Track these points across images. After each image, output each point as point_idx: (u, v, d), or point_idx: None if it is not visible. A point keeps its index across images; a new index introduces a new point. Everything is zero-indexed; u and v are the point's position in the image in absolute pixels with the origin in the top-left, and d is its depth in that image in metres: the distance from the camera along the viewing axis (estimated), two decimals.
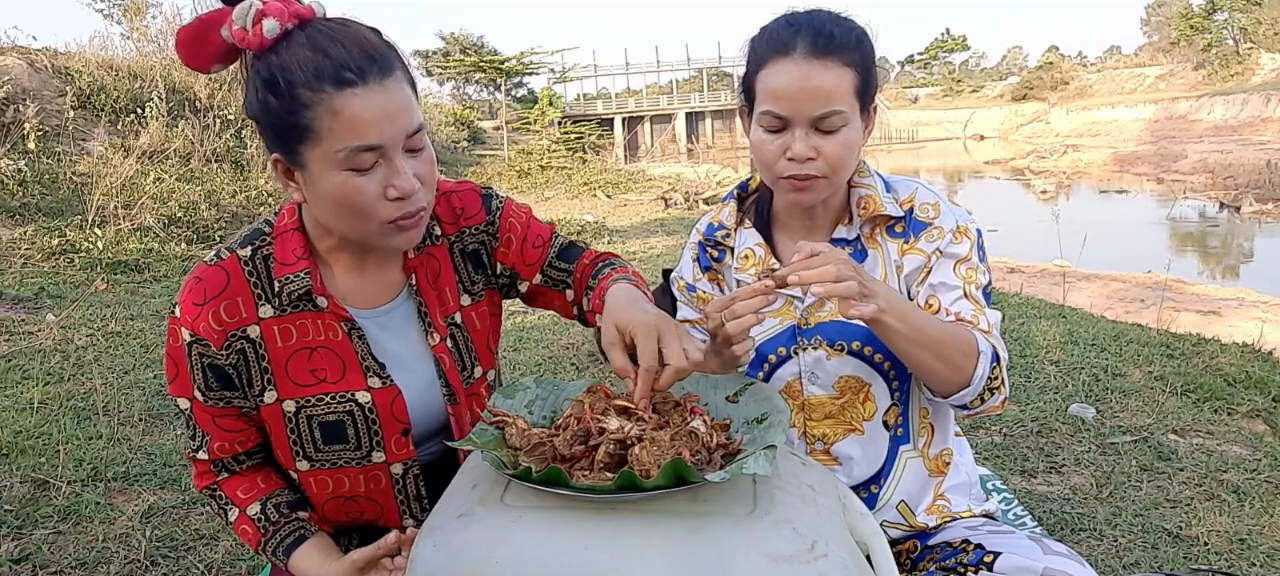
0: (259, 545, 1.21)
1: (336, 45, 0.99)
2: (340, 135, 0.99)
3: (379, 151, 1.01)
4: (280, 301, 1.14)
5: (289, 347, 1.15)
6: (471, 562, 0.86)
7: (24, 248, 6.07)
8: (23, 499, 2.59)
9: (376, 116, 1.00)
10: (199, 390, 1.16)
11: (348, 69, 0.98)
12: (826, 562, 0.84)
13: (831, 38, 1.16)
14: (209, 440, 1.20)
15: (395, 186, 1.03)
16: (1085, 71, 49.42)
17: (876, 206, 1.26)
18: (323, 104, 0.98)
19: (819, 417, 1.30)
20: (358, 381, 1.16)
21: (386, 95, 1.00)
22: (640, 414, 0.99)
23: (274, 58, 1.00)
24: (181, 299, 1.14)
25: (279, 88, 0.99)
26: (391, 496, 1.23)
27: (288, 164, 1.06)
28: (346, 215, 1.06)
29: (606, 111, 47.53)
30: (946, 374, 1.15)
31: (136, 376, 3.79)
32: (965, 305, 1.22)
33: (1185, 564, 2.18)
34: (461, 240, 1.25)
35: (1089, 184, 22.38)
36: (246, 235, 1.18)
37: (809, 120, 1.16)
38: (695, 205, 12.27)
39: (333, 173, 1.02)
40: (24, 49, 9.79)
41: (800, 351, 1.29)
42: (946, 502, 1.32)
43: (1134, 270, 7.66)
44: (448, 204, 1.25)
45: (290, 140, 1.02)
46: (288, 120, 1.00)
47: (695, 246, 1.41)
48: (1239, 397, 3.29)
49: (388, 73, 1.01)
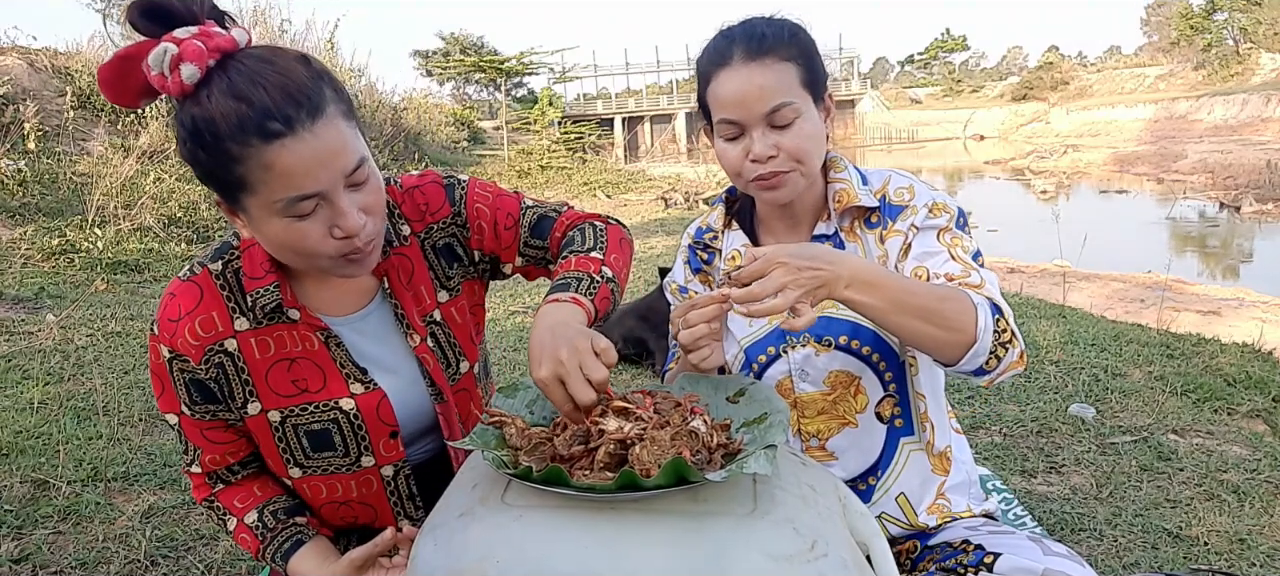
0: (258, 552, 1.21)
1: (259, 91, 0.92)
2: (274, 188, 0.95)
3: (318, 197, 0.97)
4: (255, 314, 1.12)
5: (268, 359, 1.14)
6: (472, 562, 0.86)
7: (24, 248, 6.07)
8: (23, 499, 2.58)
9: (309, 165, 0.95)
10: (185, 405, 1.16)
11: (273, 119, 0.92)
12: (826, 562, 0.84)
13: (764, 38, 1.20)
14: (200, 453, 1.20)
15: (340, 227, 1.00)
16: (1085, 71, 49.39)
17: (851, 198, 1.28)
18: (252, 158, 0.93)
19: (812, 414, 1.31)
20: (340, 389, 1.16)
21: (318, 141, 0.95)
22: (640, 413, 0.99)
23: (196, 108, 0.94)
24: (158, 317, 1.12)
25: (205, 141, 0.94)
26: (384, 499, 1.23)
27: (229, 206, 1.03)
28: (294, 256, 1.04)
29: (606, 111, 47.50)
30: (945, 336, 1.09)
31: (136, 376, 3.79)
32: (953, 266, 1.19)
33: (1185, 564, 2.18)
34: (431, 236, 1.22)
35: (1089, 184, 22.37)
36: (216, 249, 1.16)
37: (761, 118, 1.19)
38: (695, 205, 12.27)
39: (274, 220, 0.99)
40: (24, 49, 9.78)
41: (789, 350, 1.30)
42: (946, 502, 1.32)
43: (1134, 270, 7.65)
44: (412, 201, 1.21)
45: (227, 189, 0.99)
46: (220, 174, 0.96)
47: (686, 249, 1.44)
48: (1239, 397, 3.29)
49: (317, 114, 0.95)
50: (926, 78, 65.67)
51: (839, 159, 1.34)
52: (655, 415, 1.00)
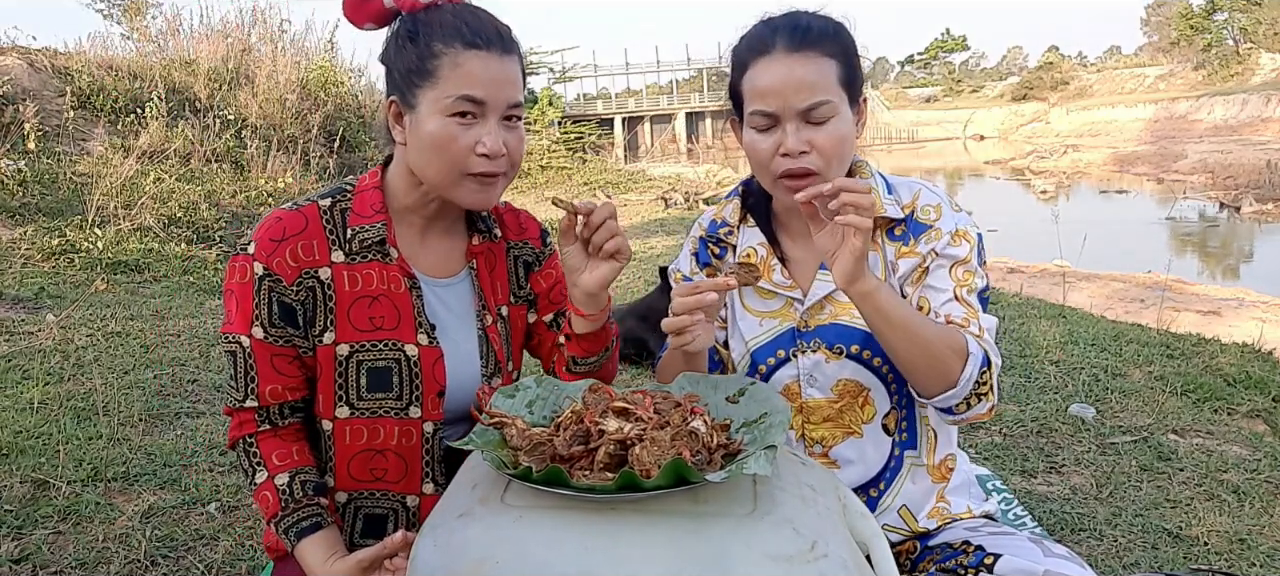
0: (274, 518, 1.22)
1: (475, 18, 1.19)
2: (454, 83, 1.16)
3: (480, 107, 1.17)
4: (351, 248, 1.24)
5: (354, 293, 1.24)
6: (472, 562, 0.86)
7: (24, 248, 6.07)
8: (23, 499, 2.58)
9: (486, 78, 1.17)
10: (261, 325, 1.21)
11: (479, 35, 1.17)
12: (826, 563, 0.84)
13: (809, 30, 1.19)
14: (258, 384, 1.22)
15: (484, 143, 1.17)
16: (1085, 71, 49.40)
17: (877, 208, 1.26)
18: (449, 55, 1.16)
19: (817, 421, 1.30)
20: (409, 334, 1.25)
21: (501, 66, 1.18)
22: (640, 414, 0.99)
23: (422, 15, 1.19)
24: (258, 236, 1.21)
25: (418, 37, 1.18)
26: (419, 455, 1.27)
27: (401, 106, 1.21)
28: (438, 158, 1.18)
29: (606, 111, 47.50)
30: (933, 373, 1.14)
31: (136, 376, 3.79)
32: (956, 308, 1.21)
33: (1185, 564, 2.18)
34: (519, 249, 1.40)
35: (1089, 184, 22.37)
36: (328, 189, 1.29)
37: (797, 113, 1.18)
38: (695, 205, 12.26)
39: (437, 116, 1.17)
40: (24, 49, 9.77)
41: (799, 354, 1.29)
42: (946, 504, 1.32)
43: (1134, 270, 7.65)
44: (514, 217, 1.41)
45: (412, 82, 1.18)
46: (417, 64, 1.17)
47: (696, 241, 1.42)
48: (1239, 397, 3.29)
49: (508, 51, 1.20)
50: (926, 78, 65.64)
51: (865, 164, 1.32)
52: (655, 415, 1.00)
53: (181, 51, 11.56)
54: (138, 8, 14.44)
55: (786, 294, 1.30)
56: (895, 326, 1.12)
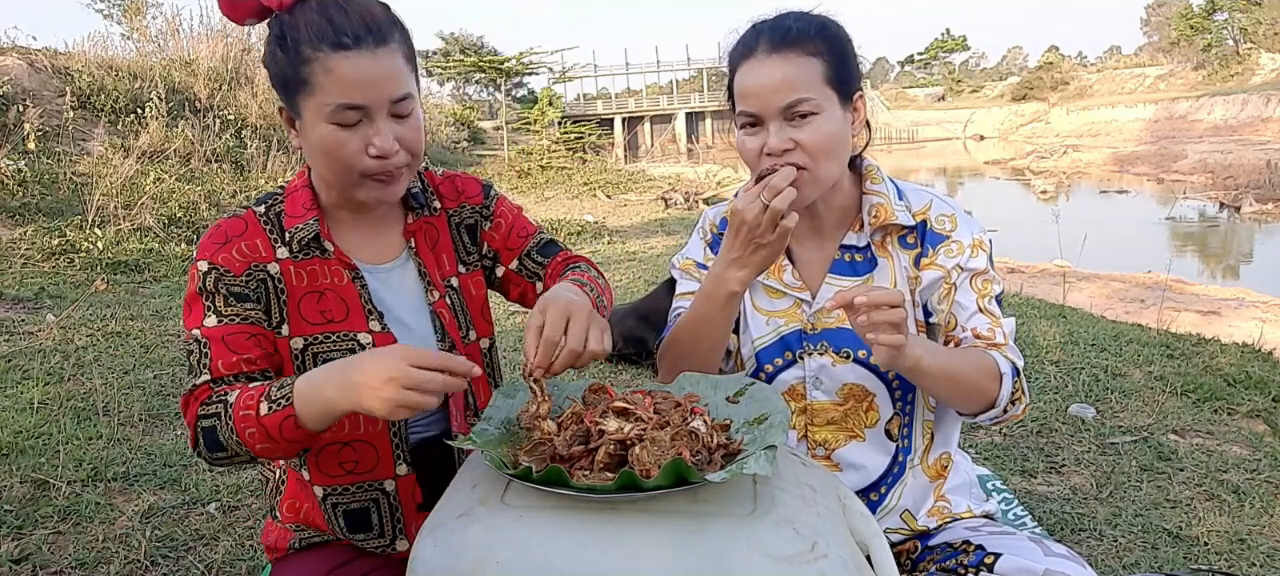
0: (261, 397, 1.09)
1: (341, 13, 1.11)
2: (329, 91, 1.11)
3: (362, 111, 1.12)
4: (292, 248, 1.23)
5: (303, 288, 1.23)
6: (472, 562, 0.86)
7: (24, 248, 6.07)
8: (23, 499, 2.58)
9: (362, 80, 1.11)
10: (214, 313, 1.17)
11: (345, 34, 1.10)
12: (827, 563, 0.84)
13: (789, 30, 1.21)
14: (211, 360, 1.14)
15: (374, 145, 1.14)
16: (1085, 71, 49.41)
17: (888, 215, 1.27)
18: (319, 61, 1.10)
19: (821, 423, 1.30)
20: (360, 324, 1.24)
21: (376, 62, 1.12)
22: (640, 414, 0.99)
23: (288, 17, 1.13)
24: (202, 244, 1.21)
25: (287, 43, 1.12)
26: (387, 439, 1.26)
27: (289, 112, 1.18)
28: (330, 165, 1.16)
29: (606, 111, 47.52)
30: (973, 400, 1.19)
31: (136, 376, 3.79)
32: (981, 320, 1.25)
33: (1185, 564, 2.18)
34: (459, 215, 1.36)
35: (1089, 184, 22.38)
36: (261, 197, 1.29)
37: (778, 111, 1.19)
38: (695, 205, 12.26)
39: (321, 124, 1.13)
40: (24, 49, 9.78)
41: (806, 356, 1.29)
42: (946, 503, 1.32)
43: (1134, 270, 7.65)
44: (451, 184, 1.37)
45: (291, 91, 1.15)
46: (290, 72, 1.13)
47: (706, 231, 1.43)
48: (1239, 397, 3.29)
49: (382, 43, 1.12)
50: (927, 78, 65.64)
51: (876, 169, 1.32)
52: (655, 415, 1.00)
53: (181, 51, 11.58)
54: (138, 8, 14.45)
55: (795, 294, 1.31)
56: (938, 379, 1.16)
